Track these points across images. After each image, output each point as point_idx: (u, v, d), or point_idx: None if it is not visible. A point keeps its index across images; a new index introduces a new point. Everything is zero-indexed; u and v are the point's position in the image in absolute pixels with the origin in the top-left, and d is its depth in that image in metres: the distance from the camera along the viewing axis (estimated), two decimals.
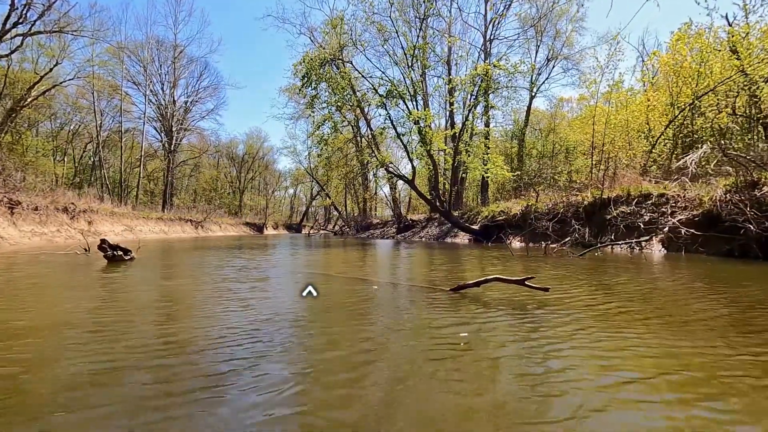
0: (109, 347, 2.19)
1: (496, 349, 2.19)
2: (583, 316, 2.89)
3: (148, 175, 38.74)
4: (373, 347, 2.21)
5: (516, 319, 2.82)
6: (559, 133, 28.43)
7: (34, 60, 24.69)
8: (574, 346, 2.25)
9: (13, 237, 12.58)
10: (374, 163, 19.81)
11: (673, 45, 16.61)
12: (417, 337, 2.40)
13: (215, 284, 4.45)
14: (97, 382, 1.72)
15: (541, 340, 2.33)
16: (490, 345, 2.26)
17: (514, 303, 3.31)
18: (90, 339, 2.34)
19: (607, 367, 1.93)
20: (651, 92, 17.94)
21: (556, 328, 2.59)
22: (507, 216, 15.65)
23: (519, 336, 2.42)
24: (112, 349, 2.17)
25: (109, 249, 6.10)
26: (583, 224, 12.03)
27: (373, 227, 32.62)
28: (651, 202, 11.06)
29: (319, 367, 1.91)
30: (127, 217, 22.07)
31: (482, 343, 2.29)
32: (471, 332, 2.48)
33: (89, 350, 2.14)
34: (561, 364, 1.96)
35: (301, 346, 2.25)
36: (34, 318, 2.80)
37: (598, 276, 5.33)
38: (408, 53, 17.32)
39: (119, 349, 2.16)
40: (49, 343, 2.28)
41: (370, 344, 2.27)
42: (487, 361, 2.01)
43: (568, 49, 26.82)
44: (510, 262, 7.28)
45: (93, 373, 1.81)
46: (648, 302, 3.41)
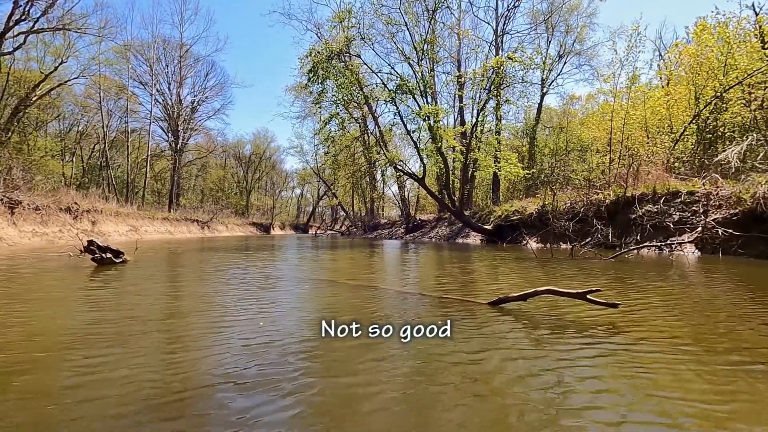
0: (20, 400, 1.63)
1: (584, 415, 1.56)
2: (670, 349, 2.17)
3: (156, 175, 38.52)
4: (399, 394, 1.63)
5: (590, 351, 2.14)
6: (571, 130, 27.60)
7: (39, 59, 24.51)
8: (688, 403, 1.63)
9: (12, 237, 12.21)
10: (383, 161, 19.23)
11: (696, 35, 15.81)
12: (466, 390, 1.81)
13: (208, 302, 3.78)
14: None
15: (637, 393, 1.67)
16: (569, 400, 1.61)
17: (575, 324, 2.64)
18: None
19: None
20: (673, 86, 17.13)
21: (648, 370, 1.90)
22: (522, 216, 14.97)
23: (604, 384, 1.75)
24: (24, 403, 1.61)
25: (97, 251, 5.59)
26: (605, 224, 11.33)
27: (381, 227, 32.06)
28: (680, 200, 10.35)
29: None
30: (132, 217, 21.72)
31: (557, 397, 1.67)
32: (531, 372, 1.88)
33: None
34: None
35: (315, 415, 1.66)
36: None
37: (651, 283, 4.67)
38: (417, 47, 16.73)
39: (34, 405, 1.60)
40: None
41: (395, 390, 1.69)
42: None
43: (580, 44, 26.05)
44: (536, 266, 6.65)
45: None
46: (741, 331, 2.77)
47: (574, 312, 2.97)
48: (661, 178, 11.66)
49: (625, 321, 2.71)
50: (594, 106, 29.31)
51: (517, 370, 1.85)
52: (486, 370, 1.85)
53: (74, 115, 32.49)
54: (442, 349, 2.14)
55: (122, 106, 32.60)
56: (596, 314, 2.87)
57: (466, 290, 4.21)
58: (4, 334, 2.40)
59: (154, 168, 37.63)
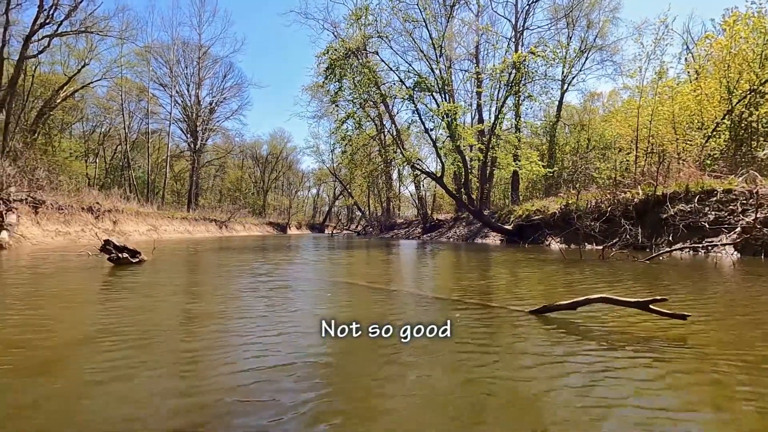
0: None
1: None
2: (758, 371, 1.83)
3: (175, 175, 39.15)
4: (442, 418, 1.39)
5: (673, 375, 1.79)
6: (593, 127, 26.82)
7: (64, 62, 25.10)
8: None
9: (35, 236, 12.41)
10: (400, 160, 18.99)
11: (729, 27, 15.06)
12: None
13: (223, 305, 3.62)
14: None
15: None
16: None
17: (635, 339, 2.29)
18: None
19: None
20: (703, 80, 16.37)
21: (734, 396, 1.60)
22: (544, 215, 14.52)
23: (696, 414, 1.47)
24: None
25: (113, 251, 5.51)
26: (634, 224, 10.84)
27: (398, 227, 31.81)
28: (715, 199, 9.80)
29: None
30: (152, 217, 22.01)
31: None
32: (589, 402, 1.61)
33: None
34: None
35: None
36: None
37: (708, 288, 4.31)
38: (435, 44, 16.42)
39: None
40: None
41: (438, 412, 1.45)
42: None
43: (602, 39, 25.26)
44: (565, 268, 6.30)
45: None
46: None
47: (631, 323, 2.63)
48: (694, 175, 11.09)
49: (694, 334, 2.38)
50: (617, 103, 28.43)
51: (580, 393, 1.59)
52: (539, 390, 1.59)
53: (97, 117, 33.31)
54: (482, 359, 1.88)
55: (143, 107, 33.23)
56: (657, 326, 2.52)
57: (501, 296, 3.92)
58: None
59: (174, 168, 38.23)
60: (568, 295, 3.34)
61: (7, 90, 17.68)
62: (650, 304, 2.45)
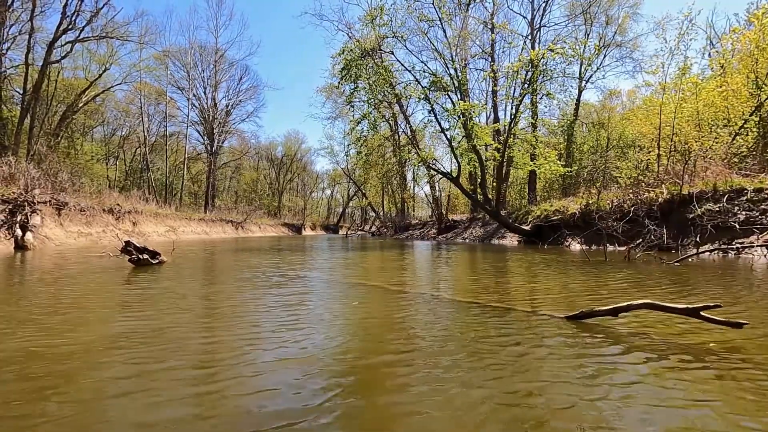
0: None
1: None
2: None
3: (192, 177, 39.75)
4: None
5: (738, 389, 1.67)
6: (612, 126, 26.19)
7: (85, 67, 25.71)
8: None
9: (58, 237, 12.68)
10: (415, 160, 18.86)
11: (757, 19, 14.50)
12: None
13: (245, 311, 3.51)
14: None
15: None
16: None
17: (688, 349, 2.11)
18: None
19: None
20: (729, 75, 15.81)
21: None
22: (563, 216, 14.20)
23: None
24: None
25: (134, 252, 5.54)
26: (658, 224, 10.50)
27: (412, 228, 31.63)
28: (746, 198, 9.42)
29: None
30: (171, 218, 22.36)
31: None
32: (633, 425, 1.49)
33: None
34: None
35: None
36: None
37: (755, 292, 4.09)
38: (451, 43, 16.25)
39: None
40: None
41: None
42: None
43: (621, 36, 24.65)
44: (592, 270, 6.10)
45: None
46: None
47: (679, 332, 2.46)
48: (722, 174, 10.68)
49: (749, 340, 2.21)
50: (636, 101, 27.71)
51: (630, 408, 1.46)
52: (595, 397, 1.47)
53: (117, 121, 34.06)
54: (520, 366, 1.77)
55: (161, 110, 33.85)
56: (709, 335, 2.34)
57: (532, 300, 3.77)
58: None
59: (191, 170, 38.82)
60: (603, 300, 3.18)
61: (32, 95, 18.17)
62: (701, 311, 2.29)
